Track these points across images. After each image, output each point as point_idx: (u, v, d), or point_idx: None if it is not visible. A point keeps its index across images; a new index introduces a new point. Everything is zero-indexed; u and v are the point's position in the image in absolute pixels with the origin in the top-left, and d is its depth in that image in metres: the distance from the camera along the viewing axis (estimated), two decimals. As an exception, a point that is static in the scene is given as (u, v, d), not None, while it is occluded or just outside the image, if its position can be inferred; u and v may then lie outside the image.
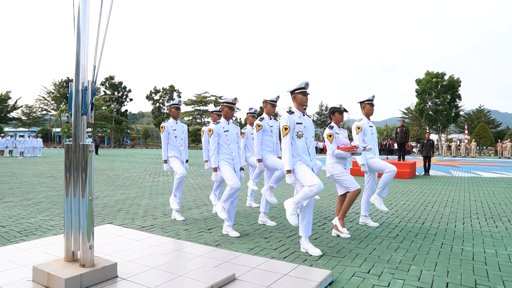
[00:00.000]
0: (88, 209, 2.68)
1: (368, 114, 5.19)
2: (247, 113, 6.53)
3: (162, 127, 5.53)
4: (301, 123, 3.95)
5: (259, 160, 5.06)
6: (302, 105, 4.00)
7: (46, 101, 65.49)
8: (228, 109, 4.79)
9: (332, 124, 4.79)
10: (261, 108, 31.35)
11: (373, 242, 4.38)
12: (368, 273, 3.35)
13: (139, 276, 2.85)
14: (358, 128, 5.09)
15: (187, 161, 5.70)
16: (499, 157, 32.68)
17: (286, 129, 3.87)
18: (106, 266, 2.73)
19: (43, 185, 9.43)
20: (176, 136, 5.53)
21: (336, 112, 4.70)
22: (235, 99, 4.80)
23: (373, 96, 5.19)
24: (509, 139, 37.66)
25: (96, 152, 30.52)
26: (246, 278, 2.96)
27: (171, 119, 5.66)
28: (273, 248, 4.07)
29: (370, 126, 5.17)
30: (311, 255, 3.82)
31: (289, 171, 3.84)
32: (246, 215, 5.90)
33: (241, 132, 5.46)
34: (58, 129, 64.08)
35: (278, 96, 5.69)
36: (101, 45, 2.74)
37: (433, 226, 5.23)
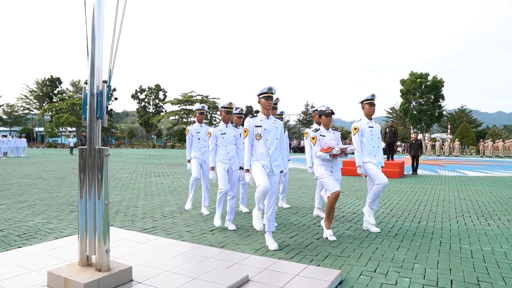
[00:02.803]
0: (104, 212, 2.69)
1: (368, 114, 5.02)
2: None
3: (186, 130, 6.06)
4: (261, 126, 4.16)
5: None
6: (265, 109, 4.19)
7: (28, 100, 64.00)
8: (225, 113, 5.19)
9: (319, 127, 4.77)
10: (248, 108, 31.41)
11: (375, 241, 4.49)
12: (374, 272, 3.44)
13: (154, 279, 2.87)
14: (355, 129, 5.02)
15: None
16: (481, 156, 33.59)
17: (245, 131, 4.16)
18: (122, 270, 2.73)
19: (34, 186, 9.26)
20: (199, 139, 5.97)
21: (323, 115, 4.67)
22: (230, 103, 5.21)
23: (373, 95, 5.00)
24: (490, 139, 38.71)
25: (82, 152, 29.98)
26: (259, 279, 3.00)
27: (196, 122, 6.08)
28: (279, 249, 4.12)
29: (370, 127, 5.00)
30: (316, 255, 3.89)
31: (247, 170, 4.17)
32: (245, 216, 5.93)
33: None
34: (41, 129, 62.74)
35: (278, 99, 5.77)
36: (115, 47, 2.74)
37: (429, 225, 5.38)
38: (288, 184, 8.86)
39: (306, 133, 5.84)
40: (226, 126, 5.16)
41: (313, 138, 4.64)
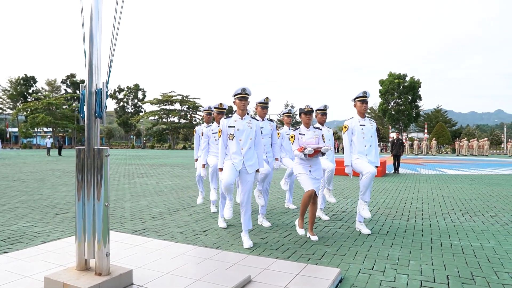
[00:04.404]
0: (104, 214, 2.60)
1: (360, 112, 4.84)
2: (283, 113, 6.61)
3: (194, 131, 6.24)
4: (234, 126, 4.26)
5: None
6: (240, 109, 4.29)
7: (1, 99, 61.72)
8: (216, 113, 5.40)
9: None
10: (229, 107, 31.30)
11: (368, 239, 4.54)
12: (372, 269, 3.47)
13: (155, 282, 2.80)
14: (345, 127, 4.93)
15: None
16: (457, 155, 34.62)
17: (219, 132, 4.33)
18: (122, 273, 2.65)
19: (13, 189, 8.92)
20: None
21: (302, 114, 4.62)
22: (221, 103, 5.42)
23: (364, 92, 4.82)
24: (465, 138, 39.93)
25: (60, 153, 29.20)
26: (261, 279, 2.98)
27: (204, 123, 6.15)
28: (274, 249, 4.11)
29: (361, 125, 4.84)
30: (313, 254, 3.91)
31: (220, 169, 4.31)
32: (236, 216, 5.89)
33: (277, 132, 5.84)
34: (15, 129, 60.66)
35: (267, 97, 5.78)
36: (113, 46, 2.67)
37: (417, 223, 5.48)
38: (276, 184, 8.86)
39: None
40: (218, 126, 5.19)
41: (292, 137, 4.58)
